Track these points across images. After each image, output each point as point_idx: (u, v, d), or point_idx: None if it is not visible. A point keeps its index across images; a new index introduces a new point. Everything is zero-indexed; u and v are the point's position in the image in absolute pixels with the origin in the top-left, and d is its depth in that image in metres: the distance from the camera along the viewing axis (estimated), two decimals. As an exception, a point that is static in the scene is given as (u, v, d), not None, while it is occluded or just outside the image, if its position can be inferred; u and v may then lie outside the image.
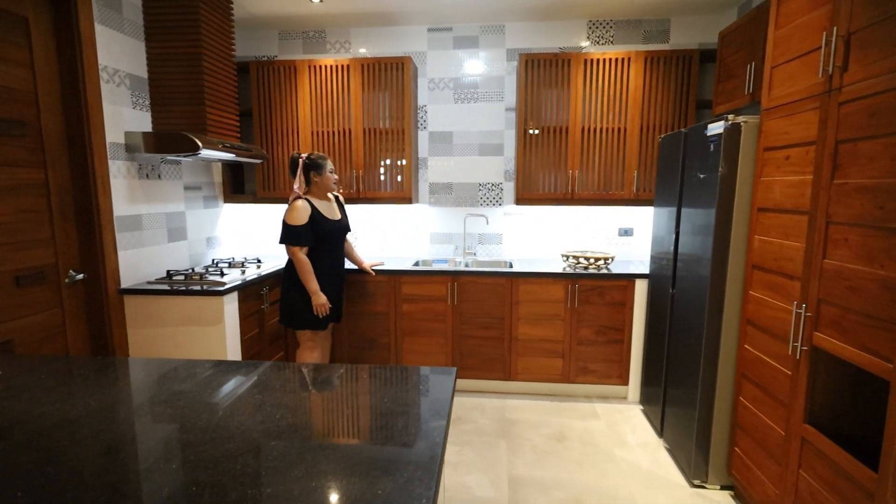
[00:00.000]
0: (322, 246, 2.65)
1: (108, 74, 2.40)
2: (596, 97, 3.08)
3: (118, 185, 2.46)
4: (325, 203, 2.70)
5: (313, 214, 2.58)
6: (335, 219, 2.72)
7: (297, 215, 2.54)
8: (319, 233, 2.61)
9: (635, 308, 2.97)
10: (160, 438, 0.98)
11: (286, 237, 2.54)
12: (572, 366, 3.08)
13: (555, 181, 3.19)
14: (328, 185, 2.68)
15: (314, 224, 2.58)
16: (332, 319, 2.77)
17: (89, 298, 2.39)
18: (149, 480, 0.83)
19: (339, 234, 2.76)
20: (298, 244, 2.55)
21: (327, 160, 2.66)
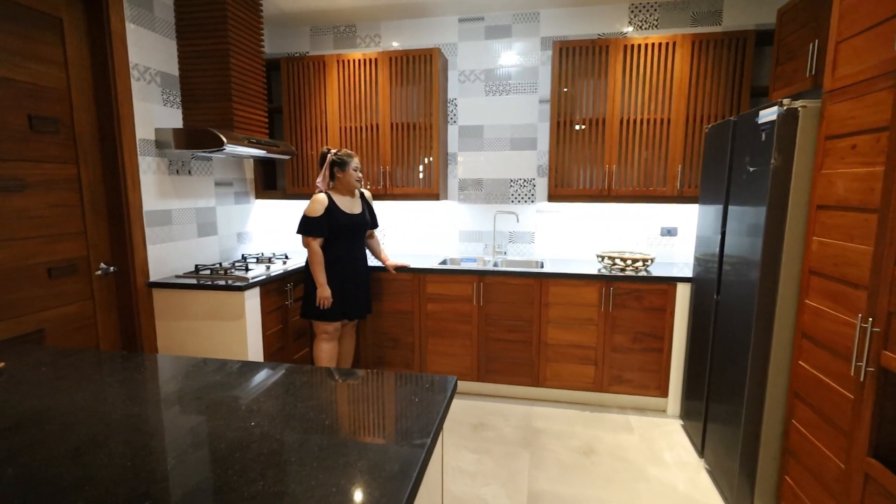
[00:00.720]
0: (337, 239, 2.67)
1: (139, 72, 2.45)
2: (637, 86, 2.86)
3: (148, 180, 2.52)
4: (347, 198, 2.73)
5: (330, 207, 2.62)
6: (354, 213, 2.71)
7: (313, 207, 2.60)
8: (334, 225, 2.63)
9: (676, 314, 2.74)
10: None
11: (300, 227, 2.62)
12: (605, 374, 2.89)
13: (591, 177, 3.00)
14: (350, 182, 2.69)
15: (330, 216, 2.62)
16: (346, 315, 2.77)
17: (119, 291, 2.46)
18: (98, 490, 0.78)
19: (357, 229, 2.75)
20: (310, 234, 2.60)
21: (353, 158, 2.67)
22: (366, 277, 2.89)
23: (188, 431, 0.98)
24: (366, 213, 2.81)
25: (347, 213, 2.69)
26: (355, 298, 2.79)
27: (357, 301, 2.81)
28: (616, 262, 2.90)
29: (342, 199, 2.70)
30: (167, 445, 0.93)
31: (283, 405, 1.10)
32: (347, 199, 2.72)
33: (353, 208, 2.73)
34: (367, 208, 2.84)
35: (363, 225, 2.78)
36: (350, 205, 2.72)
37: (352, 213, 2.71)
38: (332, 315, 2.72)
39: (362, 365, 3.17)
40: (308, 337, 3.20)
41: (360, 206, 2.78)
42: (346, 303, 2.75)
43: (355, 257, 2.78)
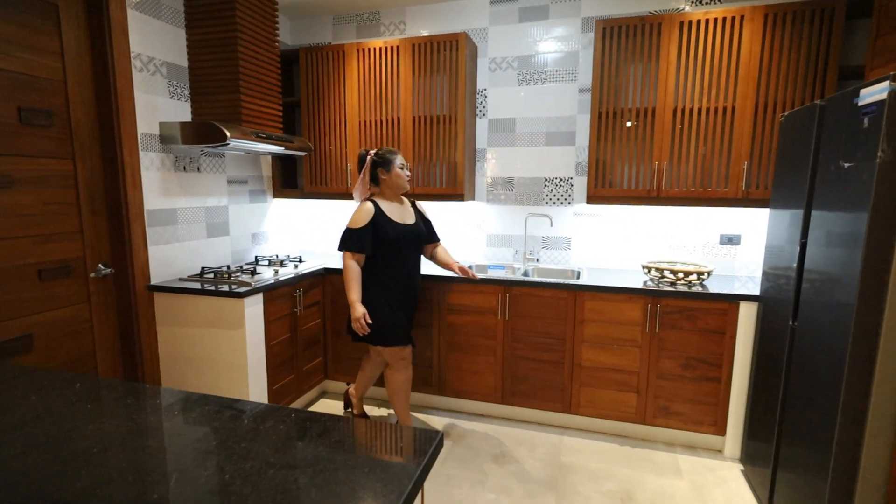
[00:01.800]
0: (386, 254, 2.29)
1: (142, 62, 2.31)
2: (694, 70, 2.45)
3: (151, 177, 2.38)
4: (396, 205, 2.37)
5: (376, 217, 2.25)
6: (406, 223, 2.35)
7: (356, 217, 2.26)
8: (383, 238, 2.25)
9: (739, 338, 2.30)
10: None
11: (341, 241, 2.26)
12: (650, 404, 2.49)
13: (637, 175, 2.61)
14: (398, 182, 2.33)
15: (376, 228, 2.25)
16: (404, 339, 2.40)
17: (118, 294, 2.33)
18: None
19: (412, 242, 2.36)
20: (350, 249, 2.23)
21: (397, 154, 2.33)
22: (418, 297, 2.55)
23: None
24: (420, 222, 2.45)
25: (399, 223, 2.31)
26: (410, 318, 2.48)
27: (410, 323, 2.48)
28: (665, 274, 2.50)
29: (391, 206, 2.33)
30: None
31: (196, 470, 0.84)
32: (397, 206, 2.36)
33: (405, 218, 2.36)
34: (420, 218, 2.47)
35: (419, 237, 2.40)
36: (401, 213, 2.36)
37: (404, 223, 2.34)
38: (403, 336, 2.38)
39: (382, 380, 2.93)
40: (322, 347, 2.99)
41: (413, 216, 2.42)
42: (408, 325, 2.44)
43: (410, 274, 2.39)
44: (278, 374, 2.58)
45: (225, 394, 2.36)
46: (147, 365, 2.39)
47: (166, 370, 2.45)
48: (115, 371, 2.33)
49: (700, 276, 2.45)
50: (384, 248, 2.27)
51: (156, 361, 2.44)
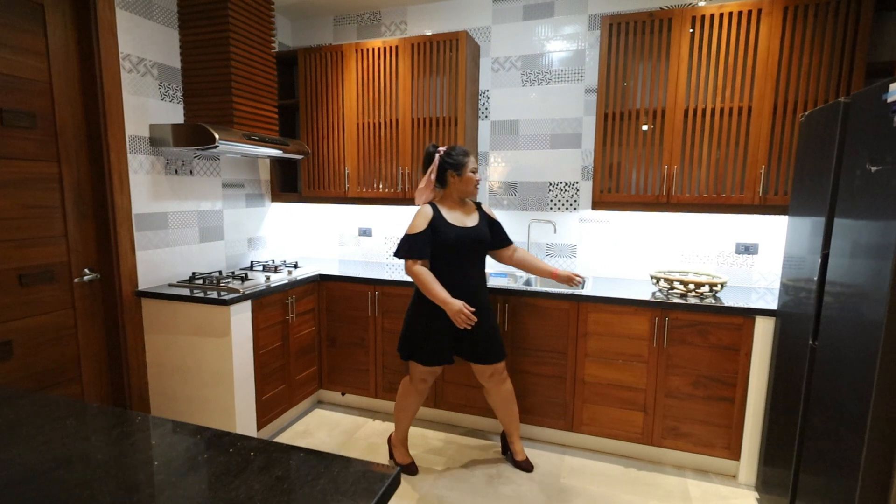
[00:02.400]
0: (443, 261, 2.09)
1: (132, 63, 2.27)
2: (707, 67, 2.29)
3: (140, 180, 2.33)
4: (457, 210, 2.18)
5: (435, 221, 2.08)
6: (467, 226, 2.14)
7: (415, 222, 2.09)
8: (442, 242, 2.07)
9: (755, 356, 2.13)
10: None
11: (399, 248, 2.10)
12: (658, 424, 2.33)
13: (646, 180, 2.46)
14: (468, 188, 2.14)
15: (435, 232, 2.07)
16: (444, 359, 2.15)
17: (105, 300, 2.28)
18: None
19: (473, 247, 2.13)
20: (409, 256, 2.06)
21: (470, 156, 2.15)
22: (487, 310, 2.19)
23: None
24: (484, 225, 2.22)
25: (458, 226, 2.12)
26: (471, 336, 2.15)
27: (475, 339, 2.16)
28: (675, 285, 2.35)
29: (451, 211, 2.16)
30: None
31: None
32: (459, 210, 2.18)
33: (465, 220, 2.16)
34: (485, 220, 2.24)
35: (481, 241, 2.16)
36: (461, 217, 2.16)
37: (464, 225, 2.14)
38: (433, 356, 2.13)
39: (378, 389, 2.82)
40: (317, 355, 2.90)
41: (476, 218, 2.20)
42: (456, 341, 2.17)
43: (472, 283, 2.14)
44: (268, 383, 2.49)
45: (211, 404, 2.29)
46: (134, 373, 2.33)
47: (154, 379, 2.39)
48: (100, 380, 2.28)
49: (713, 287, 2.29)
50: (442, 254, 2.09)
51: (143, 370, 2.38)
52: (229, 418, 2.26)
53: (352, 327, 2.83)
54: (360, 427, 2.72)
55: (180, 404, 2.35)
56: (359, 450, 2.48)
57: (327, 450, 2.47)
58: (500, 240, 2.31)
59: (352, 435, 2.63)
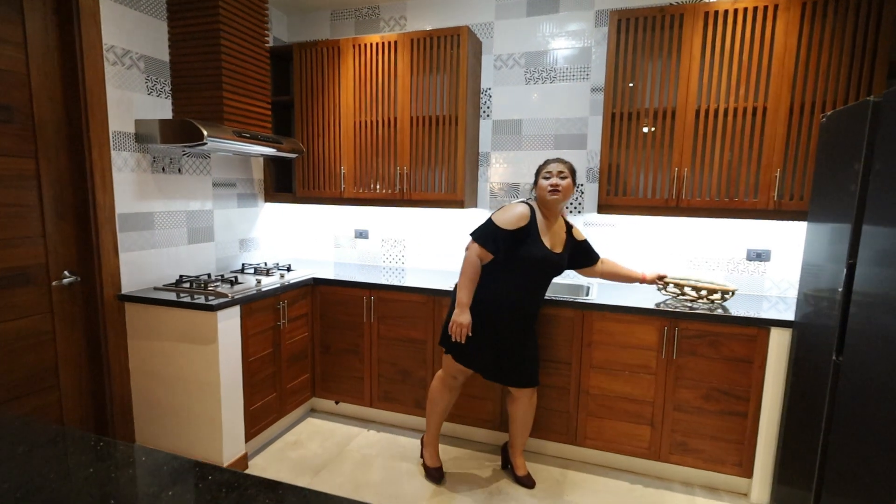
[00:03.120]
0: (510, 271, 1.97)
1: (116, 55, 2.15)
2: (720, 66, 2.19)
3: (124, 178, 2.22)
4: (549, 223, 2.02)
5: (528, 227, 1.94)
6: (551, 251, 2.00)
7: (509, 216, 1.93)
8: (521, 254, 1.93)
9: (769, 369, 2.03)
10: None
11: (478, 229, 1.97)
12: (666, 438, 2.22)
13: (654, 183, 2.35)
14: (542, 194, 1.99)
15: (521, 240, 1.93)
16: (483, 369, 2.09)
17: (86, 304, 2.16)
18: None
19: (548, 272, 2.02)
20: (483, 243, 1.92)
21: (549, 163, 2.00)
22: (532, 337, 2.13)
23: None
24: (566, 253, 2.08)
25: (548, 247, 1.98)
26: (510, 357, 2.06)
27: (512, 361, 2.07)
28: (685, 291, 2.24)
29: (546, 224, 2.00)
30: None
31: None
32: (551, 226, 2.02)
33: (555, 243, 2.02)
34: (571, 247, 2.11)
35: (555, 270, 2.04)
36: (553, 236, 2.02)
37: (552, 249, 2.00)
38: (466, 356, 2.05)
39: (373, 398, 2.71)
40: (310, 361, 2.79)
41: (563, 244, 2.06)
42: (494, 356, 2.07)
43: (529, 305, 2.05)
44: (257, 392, 2.38)
45: (197, 415, 2.17)
46: (116, 381, 2.22)
47: (137, 387, 2.28)
48: (79, 388, 2.16)
49: (724, 294, 2.19)
50: (514, 264, 1.95)
51: (126, 377, 2.26)
52: (215, 430, 2.15)
53: (346, 333, 2.71)
54: (353, 438, 2.61)
55: (165, 414, 2.23)
56: (352, 462, 2.36)
57: (320, 462, 2.36)
58: (588, 258, 2.22)
59: (345, 446, 2.51)
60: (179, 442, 2.23)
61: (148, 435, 2.29)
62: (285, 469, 2.30)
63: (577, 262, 2.22)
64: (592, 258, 2.25)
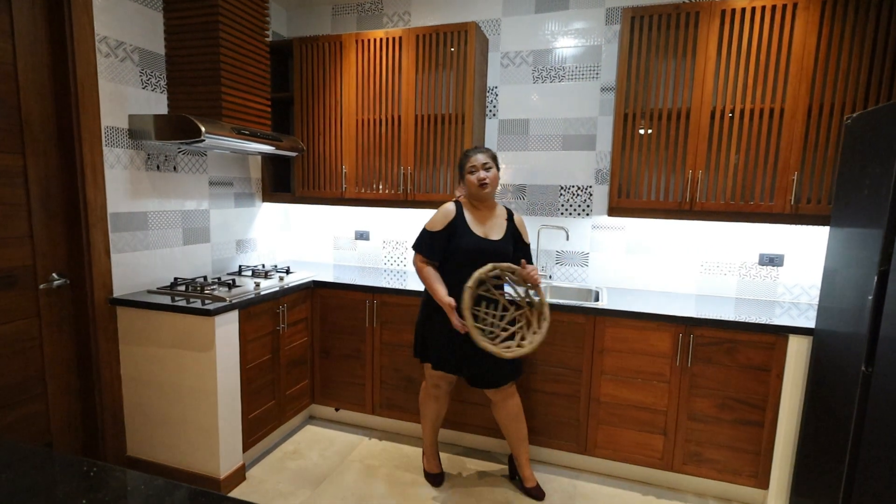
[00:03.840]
0: (455, 268, 1.95)
1: (110, 47, 2.05)
2: (737, 66, 2.13)
3: (117, 176, 2.11)
4: (483, 214, 2.02)
5: (455, 222, 1.97)
6: (489, 238, 1.98)
7: (434, 219, 2.01)
8: (454, 248, 1.95)
9: (787, 378, 1.97)
10: None
11: (416, 240, 2.03)
12: (679, 448, 2.16)
13: (667, 185, 2.29)
14: (471, 190, 1.98)
15: (452, 235, 1.96)
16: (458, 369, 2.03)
17: (76, 307, 2.06)
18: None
19: (480, 260, 1.88)
20: (420, 252, 2.00)
21: (469, 156, 1.98)
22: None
23: None
24: (509, 243, 2.01)
25: (479, 235, 1.96)
26: (474, 355, 1.96)
27: (476, 359, 1.98)
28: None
29: (477, 214, 2.01)
30: None
31: None
32: (484, 215, 2.01)
33: (489, 230, 2.00)
34: (510, 237, 2.02)
35: (497, 257, 1.93)
36: (486, 224, 2.00)
37: (486, 236, 1.97)
38: (436, 359, 2.04)
39: (375, 405, 2.62)
40: (310, 367, 2.70)
41: (502, 231, 2.01)
42: (459, 354, 2.00)
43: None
44: (256, 400, 2.28)
45: (193, 425, 2.07)
46: (106, 389, 2.11)
47: (129, 396, 2.17)
48: (68, 396, 2.06)
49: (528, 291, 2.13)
50: (452, 259, 1.96)
51: (117, 385, 2.16)
52: (212, 440, 2.05)
53: (347, 338, 2.62)
54: (355, 447, 2.52)
55: (158, 424, 2.13)
56: (354, 473, 2.28)
57: (320, 473, 2.27)
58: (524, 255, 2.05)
59: (346, 456, 2.42)
60: (174, 453, 2.12)
61: (141, 446, 2.18)
62: (284, 481, 2.20)
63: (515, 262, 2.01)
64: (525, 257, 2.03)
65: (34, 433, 1.94)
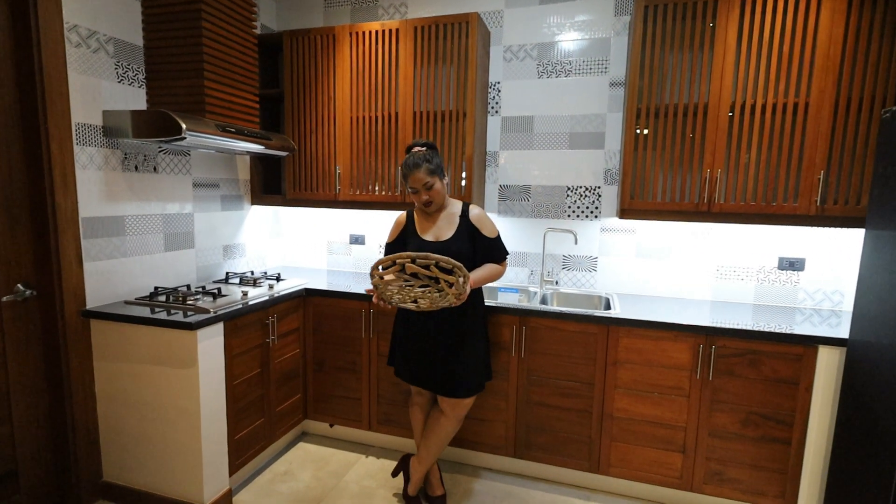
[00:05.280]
0: None
1: (81, 36, 1.88)
2: (758, 58, 2.00)
3: (90, 177, 1.94)
4: (432, 217, 1.93)
5: (406, 230, 1.96)
6: (438, 240, 1.87)
7: (390, 230, 2.02)
8: None
9: (816, 392, 1.83)
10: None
11: None
12: (699, 467, 2.01)
13: (683, 186, 2.15)
14: (415, 203, 1.93)
15: (405, 243, 1.94)
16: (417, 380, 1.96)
17: (44, 321, 1.88)
18: None
19: None
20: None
21: (409, 173, 1.82)
22: (452, 336, 1.88)
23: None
24: (463, 239, 1.87)
25: (426, 238, 1.89)
26: (432, 363, 1.90)
27: (435, 368, 1.89)
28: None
29: (425, 220, 1.93)
30: None
31: None
32: (436, 217, 1.92)
33: (438, 232, 1.89)
34: (465, 232, 1.88)
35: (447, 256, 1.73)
36: (437, 227, 1.90)
37: (436, 239, 1.88)
38: (401, 371, 2.02)
39: (372, 420, 2.46)
40: (301, 381, 2.53)
41: (452, 230, 1.88)
42: (415, 365, 1.94)
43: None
44: (243, 419, 2.12)
45: (174, 446, 1.90)
46: (79, 408, 1.94)
47: (105, 416, 2.00)
48: (36, 418, 1.88)
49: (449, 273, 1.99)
50: None
51: (91, 403, 1.98)
52: (195, 463, 1.88)
53: (342, 350, 2.46)
54: (351, 466, 2.35)
55: (137, 446, 1.96)
56: (349, 497, 2.11)
57: (313, 497, 2.10)
58: (484, 257, 1.90)
59: (341, 477, 2.26)
60: (154, 478, 1.95)
61: (117, 471, 2.01)
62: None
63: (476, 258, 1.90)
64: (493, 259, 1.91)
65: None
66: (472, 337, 1.92)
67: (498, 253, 1.92)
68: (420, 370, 1.94)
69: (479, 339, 1.96)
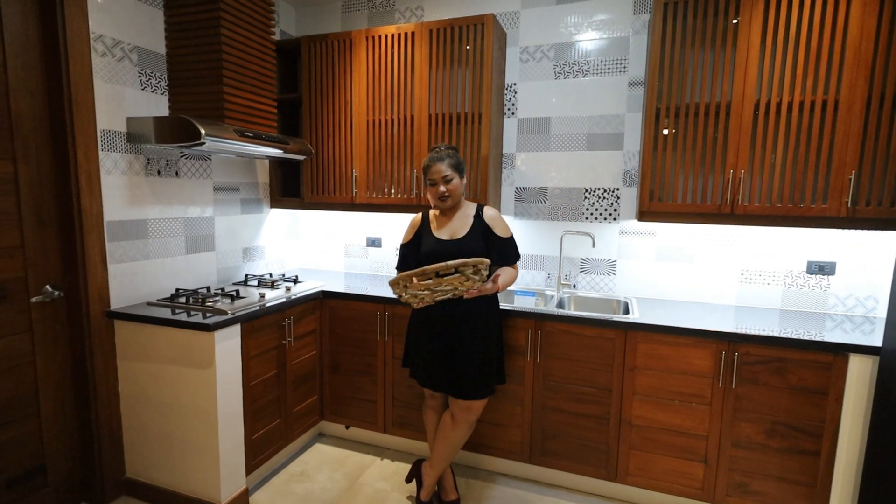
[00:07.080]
0: None
1: (106, 46, 1.94)
2: (784, 54, 1.93)
3: (114, 182, 2.00)
4: (447, 216, 1.93)
5: (420, 230, 1.97)
6: (449, 240, 1.87)
7: (405, 231, 2.04)
8: (420, 255, 1.93)
9: (847, 402, 1.75)
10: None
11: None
12: (722, 478, 1.95)
13: (703, 187, 2.09)
14: (431, 199, 1.92)
15: (419, 244, 1.95)
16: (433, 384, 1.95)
17: (70, 321, 1.94)
18: None
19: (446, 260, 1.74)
20: (398, 267, 2.01)
21: (430, 166, 1.86)
22: (475, 339, 1.88)
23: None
24: (476, 238, 1.87)
25: (441, 238, 1.89)
26: (444, 364, 1.89)
27: (453, 370, 1.88)
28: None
29: (441, 219, 1.94)
30: None
31: None
32: (450, 216, 1.92)
33: (453, 231, 1.89)
34: (478, 231, 1.88)
35: (461, 255, 1.77)
36: (452, 226, 1.90)
37: (451, 237, 1.87)
38: (417, 375, 2.01)
39: (387, 423, 2.46)
40: (318, 382, 2.55)
41: (466, 229, 1.88)
42: (431, 367, 1.92)
43: (447, 302, 1.82)
44: (260, 419, 2.14)
45: (193, 445, 1.94)
46: (103, 406, 2.00)
47: (128, 414, 2.05)
48: (63, 415, 1.94)
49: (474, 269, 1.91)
50: (421, 266, 1.82)
51: (115, 401, 2.04)
52: (212, 463, 1.91)
53: (358, 352, 2.47)
54: (366, 468, 2.36)
55: (158, 444, 2.01)
56: (363, 500, 2.12)
57: (328, 499, 2.11)
58: (499, 257, 1.89)
59: (356, 479, 2.27)
60: (174, 476, 2.00)
61: (140, 468, 2.06)
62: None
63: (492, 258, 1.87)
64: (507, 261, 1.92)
65: (26, 456, 1.83)
66: (487, 340, 1.91)
67: (511, 253, 1.93)
68: (432, 371, 1.93)
69: (493, 343, 1.95)
